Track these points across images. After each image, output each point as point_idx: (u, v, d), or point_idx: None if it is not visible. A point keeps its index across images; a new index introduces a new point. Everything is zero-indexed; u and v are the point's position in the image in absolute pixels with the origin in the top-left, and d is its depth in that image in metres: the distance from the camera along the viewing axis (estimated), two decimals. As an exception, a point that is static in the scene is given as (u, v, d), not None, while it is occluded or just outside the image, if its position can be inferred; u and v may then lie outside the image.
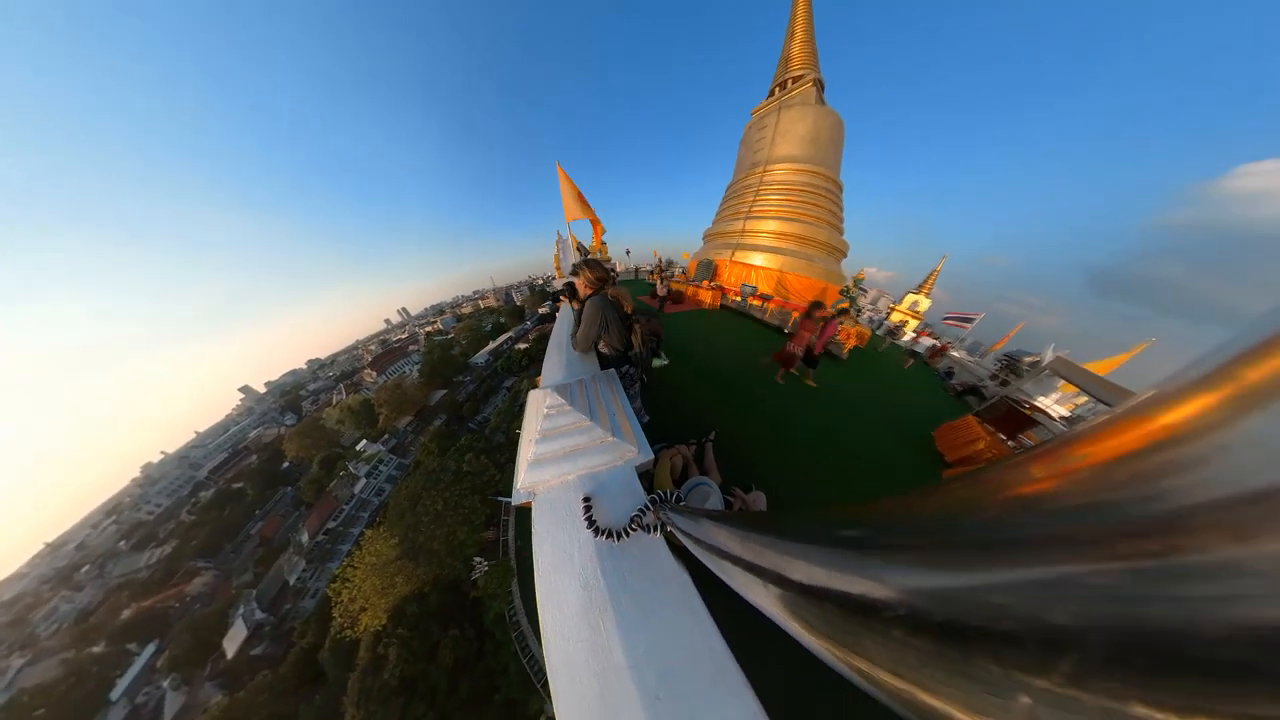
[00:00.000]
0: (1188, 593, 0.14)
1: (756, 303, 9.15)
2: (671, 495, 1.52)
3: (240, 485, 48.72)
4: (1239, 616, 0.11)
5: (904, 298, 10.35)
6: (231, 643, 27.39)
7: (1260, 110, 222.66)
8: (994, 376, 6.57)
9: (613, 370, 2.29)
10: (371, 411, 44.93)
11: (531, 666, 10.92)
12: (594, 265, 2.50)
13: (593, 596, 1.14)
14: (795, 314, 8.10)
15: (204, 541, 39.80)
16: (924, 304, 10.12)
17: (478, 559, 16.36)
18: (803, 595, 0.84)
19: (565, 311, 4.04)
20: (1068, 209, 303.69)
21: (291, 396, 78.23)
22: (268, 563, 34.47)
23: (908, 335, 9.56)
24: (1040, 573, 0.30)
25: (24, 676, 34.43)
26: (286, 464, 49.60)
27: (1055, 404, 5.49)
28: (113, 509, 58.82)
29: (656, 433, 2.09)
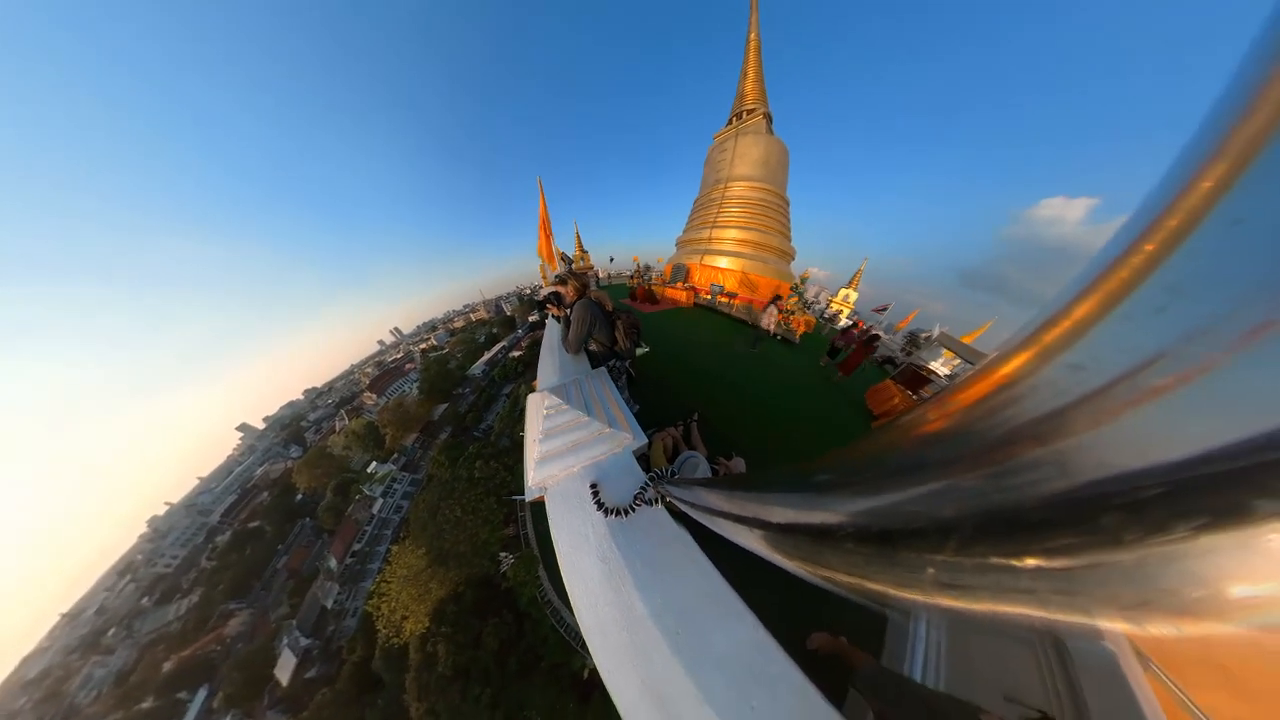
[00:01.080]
0: (1017, 483, 0.29)
1: (724, 300, 10.17)
2: (667, 471, 1.63)
3: (257, 524, 46.65)
4: (1044, 491, 0.27)
5: (839, 292, 11.99)
6: (283, 671, 26.99)
7: (1050, 162, 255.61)
8: (903, 349, 7.87)
9: (603, 368, 2.38)
10: (377, 433, 43.39)
11: (568, 633, 11.42)
12: (576, 274, 2.61)
13: (610, 567, 1.25)
14: (757, 305, 9.46)
15: (231, 584, 38.26)
16: (853, 296, 11.83)
17: (503, 554, 16.56)
18: (780, 532, 1.00)
19: (554, 321, 4.15)
20: (943, 225, 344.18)
21: (293, 428, 74.35)
22: (301, 593, 33.66)
23: (843, 322, 11.25)
24: (935, 486, 0.37)
25: (81, 744, 32.87)
26: (300, 496, 47.68)
27: (941, 366, 6.90)
28: (126, 568, 55.39)
29: (647, 419, 2.19)
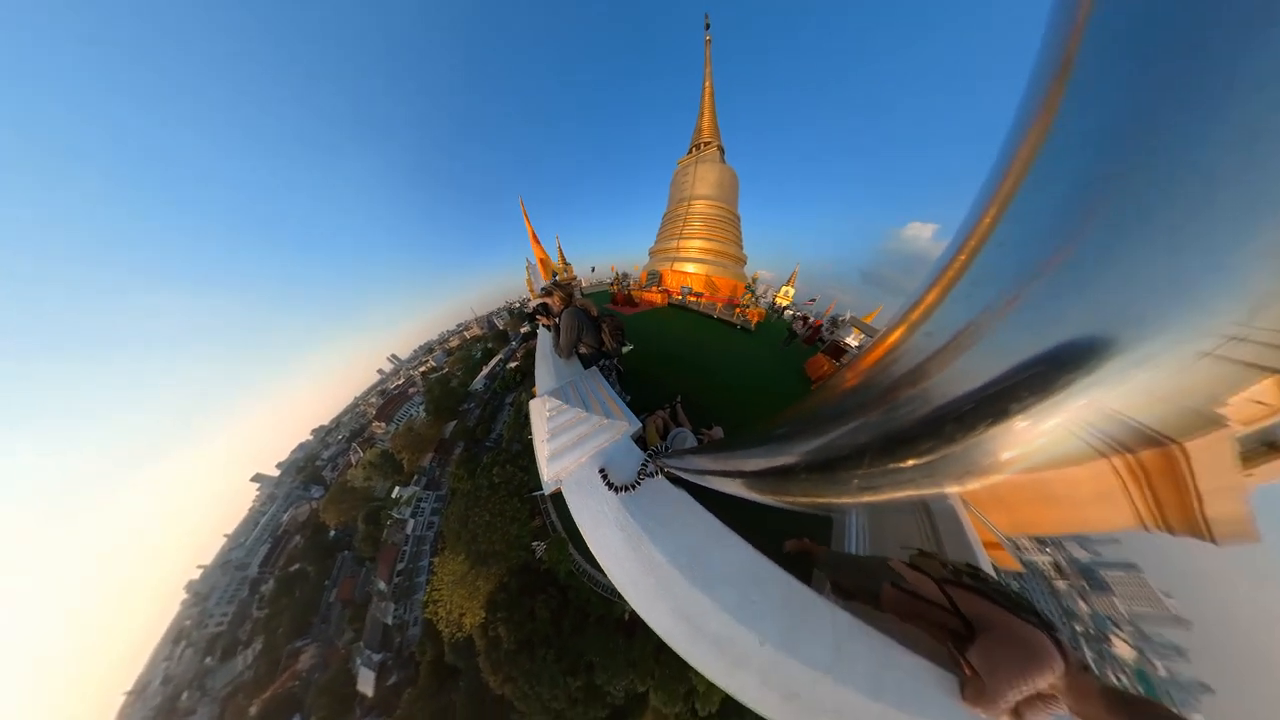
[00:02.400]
0: (900, 414, 0.95)
1: (693, 299, 11.58)
2: (662, 447, 1.82)
3: (298, 566, 45.29)
4: (915, 417, 0.88)
5: (781, 289, 13.95)
6: (366, 685, 27.36)
7: (912, 198, 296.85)
8: (829, 330, 9.93)
9: (594, 368, 2.46)
10: (393, 459, 42.02)
11: (605, 590, 12.27)
12: (561, 285, 2.63)
13: (629, 533, 1.45)
14: (720, 303, 10.96)
15: (290, 625, 37.57)
16: (791, 293, 13.77)
17: (535, 543, 17.01)
18: (754, 477, 1.37)
19: (544, 331, 4.20)
20: (847, 239, 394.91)
21: (309, 470, 70.68)
22: (360, 617, 33.58)
23: (788, 314, 13.67)
24: (853, 424, 1.10)
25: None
26: (333, 532, 46.29)
27: (852, 340, 8.47)
28: (178, 636, 53.13)
29: (638, 406, 2.35)
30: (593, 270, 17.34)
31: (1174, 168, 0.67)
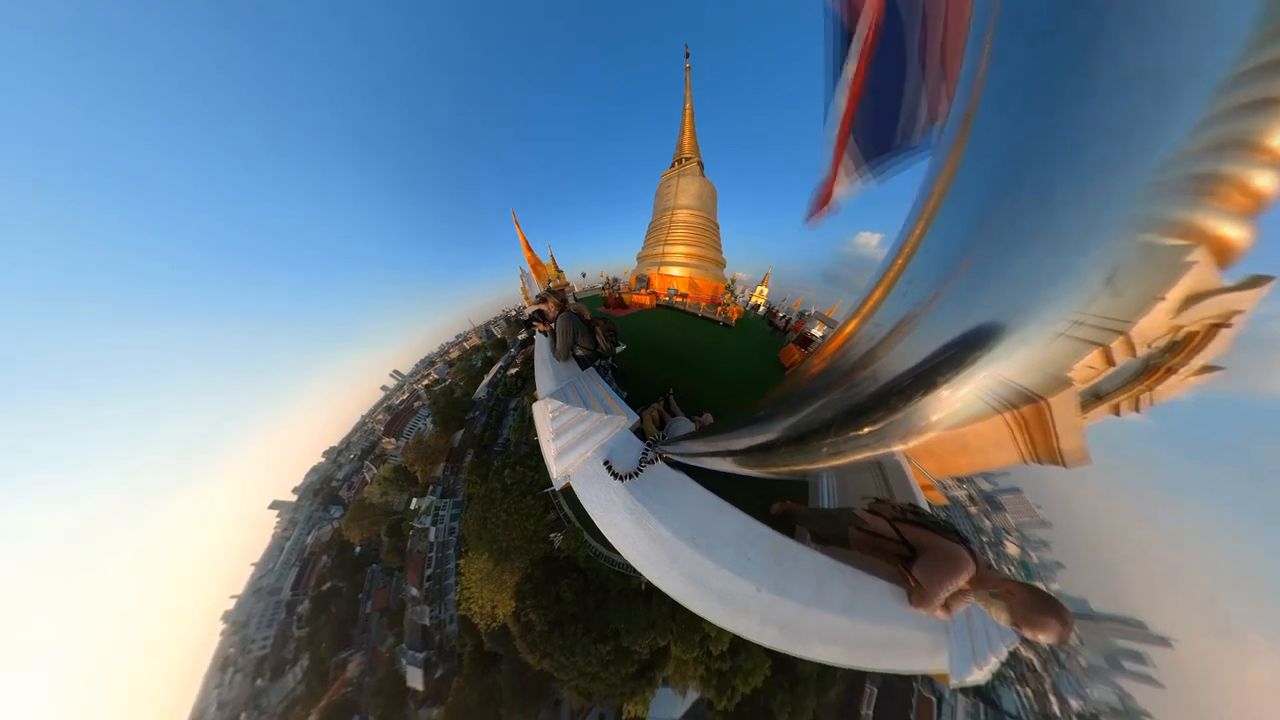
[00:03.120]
0: (856, 391, 1.23)
1: (678, 300, 12.24)
2: (659, 436, 1.96)
3: (329, 584, 45.33)
4: (869, 393, 1.17)
5: (756, 289, 15.07)
6: (415, 681, 28.10)
7: (863, 213, 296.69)
8: (804, 320, 10.96)
9: (591, 368, 2.51)
10: (406, 473, 41.68)
11: (622, 567, 12.91)
12: (554, 292, 2.65)
13: (636, 515, 1.59)
14: (704, 303, 11.73)
15: (332, 639, 37.91)
16: (765, 292, 14.68)
17: (552, 535, 17.47)
18: (742, 454, 1.62)
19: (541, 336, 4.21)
20: (811, 246, 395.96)
21: (325, 491, 69.44)
22: (398, 623, 34.08)
23: (761, 310, 14.70)
24: (821, 401, 1.41)
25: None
26: (358, 549, 46.24)
27: (817, 331, 9.23)
28: (224, 663, 53.15)
29: (634, 400, 2.46)
30: (584, 276, 18.55)
31: (1038, 202, 0.91)
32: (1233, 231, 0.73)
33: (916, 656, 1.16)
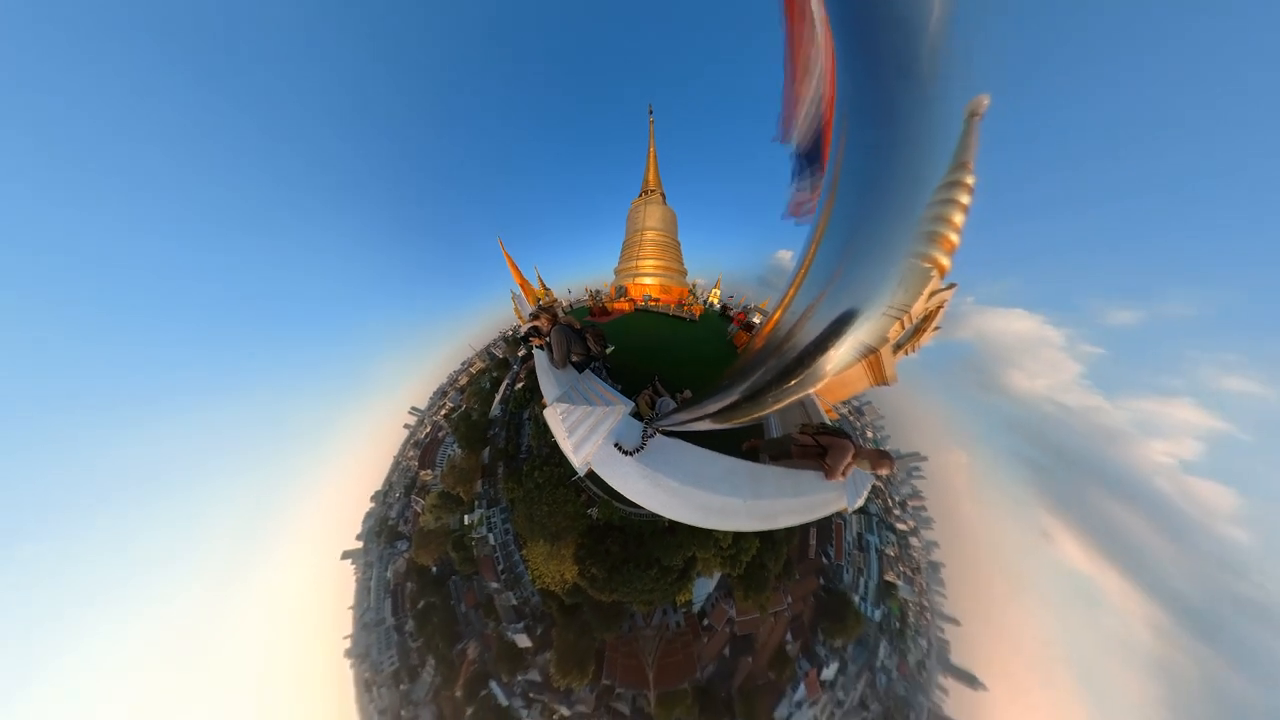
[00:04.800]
0: (783, 359, 2.02)
1: (653, 304, 14.13)
2: (653, 414, 2.38)
3: (423, 602, 47.12)
4: (792, 358, 1.94)
5: (712, 291, 16.81)
6: (524, 642, 30.82)
7: (780, 232, 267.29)
8: (747, 311, 12.26)
9: (587, 370, 2.73)
10: (450, 496, 41.91)
11: (648, 516, 14.71)
12: (546, 308, 2.79)
13: (649, 478, 2.05)
14: (673, 304, 13.85)
15: (445, 637, 40.01)
16: (719, 293, 16.63)
17: (589, 510, 18.95)
18: (716, 415, 2.36)
19: (539, 350, 4.39)
20: (750, 257, 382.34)
21: (385, 531, 69.17)
22: (491, 610, 36.11)
23: (716, 307, 16.42)
24: (762, 369, 2.30)
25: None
26: (434, 569, 47.71)
27: (756, 319, 10.63)
28: (366, 685, 55.76)
29: (628, 391, 2.81)
30: (569, 292, 19.25)
31: (870, 241, 1.53)
32: (945, 261, 1.44)
33: (833, 504, 1.81)
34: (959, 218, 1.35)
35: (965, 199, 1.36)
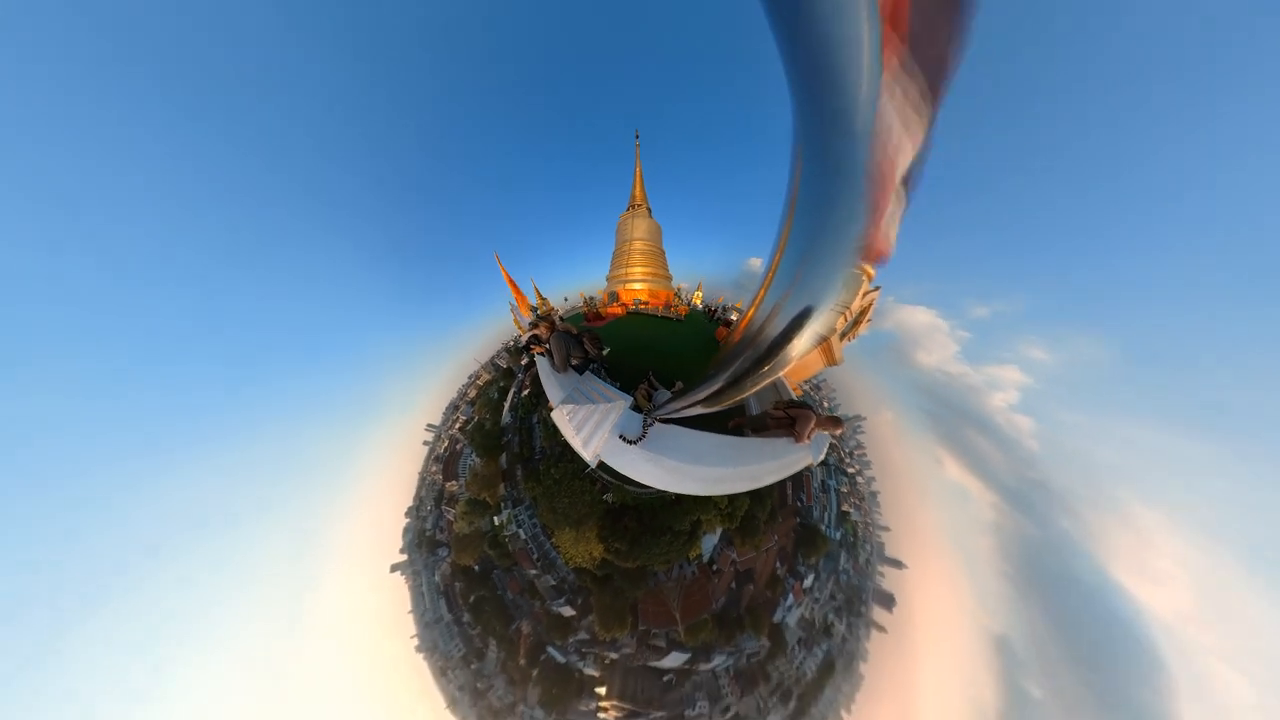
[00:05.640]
0: (756, 349, 2.42)
1: (643, 307, 14.67)
2: (651, 406, 2.62)
3: (473, 596, 49.62)
4: (764, 347, 2.35)
5: (694, 293, 17.73)
6: (568, 612, 33.35)
7: (749, 241, 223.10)
8: (724, 311, 13.10)
9: (588, 372, 2.87)
10: (477, 502, 42.82)
11: (656, 493, 15.73)
12: (544, 317, 2.89)
13: (653, 461, 2.31)
14: (661, 306, 14.33)
15: (500, 621, 42.40)
16: (700, 295, 17.44)
17: (604, 496, 19.89)
18: (705, 401, 2.77)
19: (540, 357, 4.47)
20: (725, 263, 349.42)
21: (425, 542, 71.19)
22: (535, 592, 38.15)
23: (700, 307, 17.19)
24: (739, 359, 2.68)
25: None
26: (476, 567, 49.72)
27: (733, 317, 11.23)
28: (442, 670, 59.80)
29: (626, 386, 3.03)
30: (565, 300, 19.67)
31: (824, 251, 1.80)
32: (870, 269, 1.78)
33: (803, 461, 2.16)
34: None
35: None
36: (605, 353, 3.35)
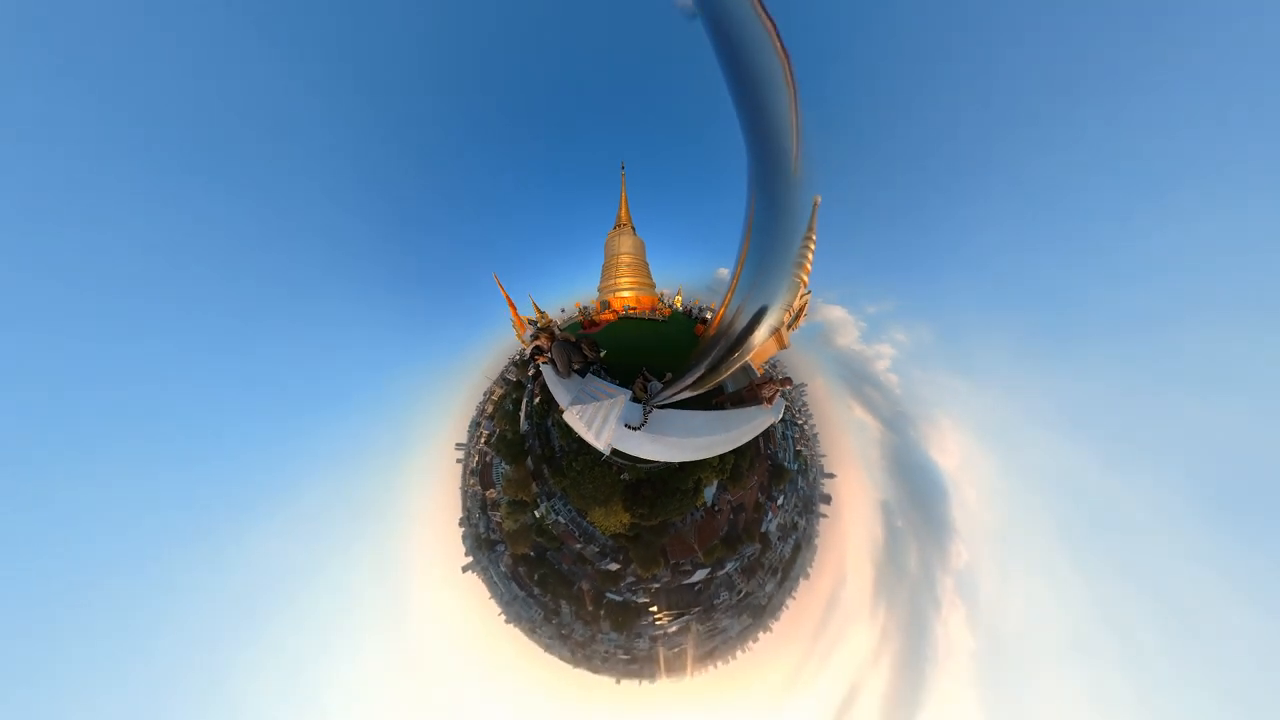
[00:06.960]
0: (729, 339, 4.34)
1: (633, 312, 15.77)
2: (647, 396, 3.02)
3: (536, 575, 53.69)
4: (736, 338, 4.43)
5: (676, 297, 19.01)
6: (612, 567, 36.92)
7: (720, 253, 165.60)
8: (701, 311, 14.47)
9: (589, 374, 3.18)
10: (516, 503, 44.94)
11: (665, 465, 17.04)
12: (543, 330, 3.24)
13: (655, 440, 2.76)
14: (647, 310, 15.50)
15: (564, 585, 46.89)
16: (681, 299, 18.82)
17: (622, 476, 21.29)
18: (692, 386, 3.61)
19: (545, 366, 5.14)
20: (700, 270, 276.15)
21: (483, 544, 74.94)
22: (583, 559, 41.73)
23: (681, 309, 18.48)
24: (715, 349, 4.84)
25: None
26: (531, 553, 53.27)
27: (709, 316, 12.04)
28: (529, 631, 65.61)
29: (625, 382, 3.44)
30: (562, 311, 20.81)
31: (774, 261, 3.20)
32: (805, 278, 3.13)
33: (769, 421, 2.85)
34: (810, 256, 2.63)
35: (812, 247, 2.83)
36: (602, 355, 3.72)
